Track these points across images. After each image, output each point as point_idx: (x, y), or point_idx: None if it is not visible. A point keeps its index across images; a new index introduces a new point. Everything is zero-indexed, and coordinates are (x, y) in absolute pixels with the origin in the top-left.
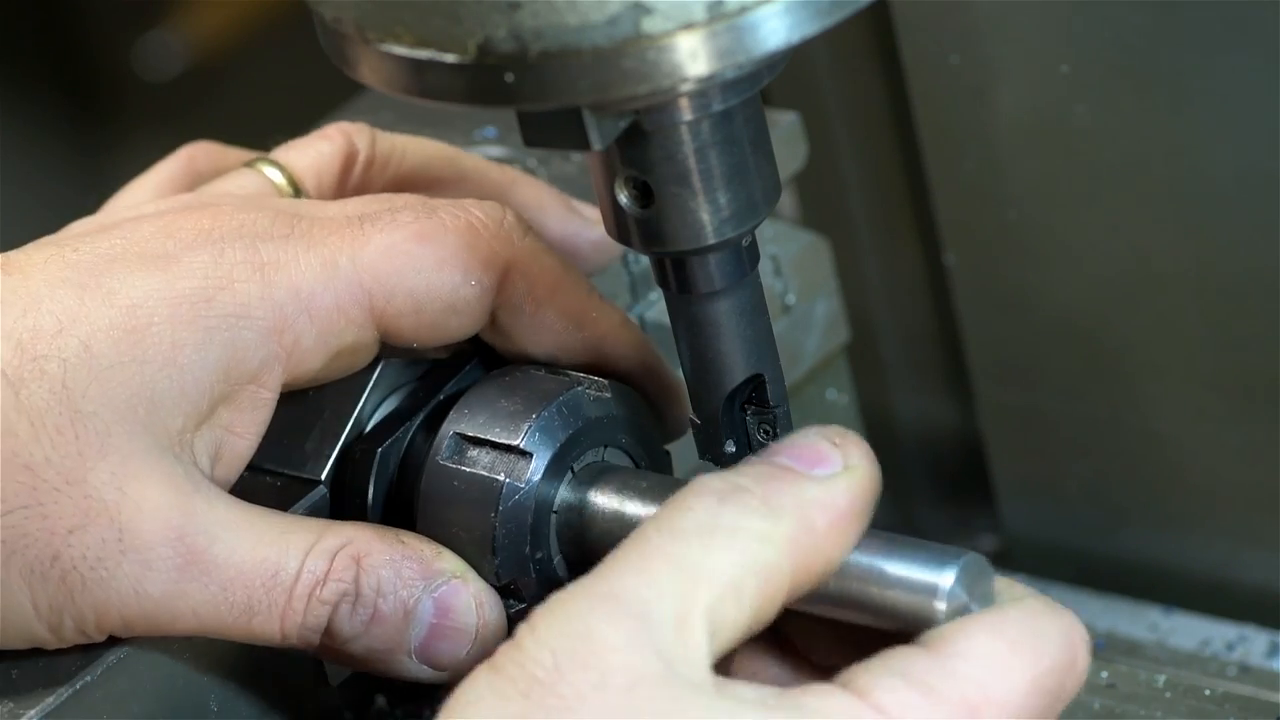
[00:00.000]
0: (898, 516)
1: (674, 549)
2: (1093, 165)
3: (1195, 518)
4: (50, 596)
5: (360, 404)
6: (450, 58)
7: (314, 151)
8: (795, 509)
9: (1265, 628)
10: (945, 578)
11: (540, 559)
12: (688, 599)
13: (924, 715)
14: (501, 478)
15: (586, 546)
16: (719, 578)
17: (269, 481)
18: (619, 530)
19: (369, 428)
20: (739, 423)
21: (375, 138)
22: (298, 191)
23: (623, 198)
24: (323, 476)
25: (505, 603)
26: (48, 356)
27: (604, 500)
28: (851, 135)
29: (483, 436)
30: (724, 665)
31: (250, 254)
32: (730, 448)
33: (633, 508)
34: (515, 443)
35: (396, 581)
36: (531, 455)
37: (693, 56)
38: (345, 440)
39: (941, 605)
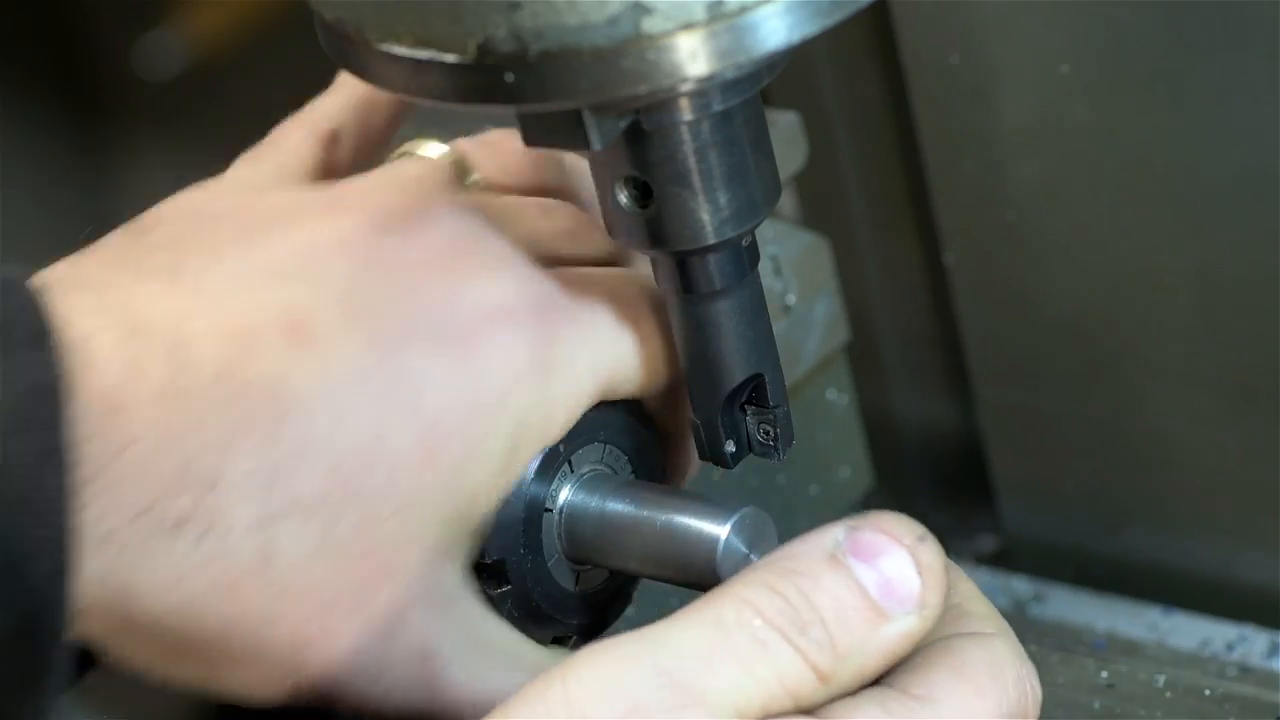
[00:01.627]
0: None
1: (739, 646)
2: (1093, 165)
3: (1195, 518)
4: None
5: None
6: (450, 58)
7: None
8: (858, 657)
9: (1265, 628)
10: (721, 529)
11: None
12: (744, 696)
13: None
14: (492, 591)
15: (585, 548)
16: (759, 695)
17: None
18: (607, 529)
19: None
20: (739, 423)
21: None
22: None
23: (623, 198)
24: None
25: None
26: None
27: (583, 499)
28: (851, 135)
29: None
30: None
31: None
32: (730, 447)
33: (613, 503)
34: (484, 560)
35: None
36: (504, 561)
37: (693, 56)
38: None
39: (718, 556)
